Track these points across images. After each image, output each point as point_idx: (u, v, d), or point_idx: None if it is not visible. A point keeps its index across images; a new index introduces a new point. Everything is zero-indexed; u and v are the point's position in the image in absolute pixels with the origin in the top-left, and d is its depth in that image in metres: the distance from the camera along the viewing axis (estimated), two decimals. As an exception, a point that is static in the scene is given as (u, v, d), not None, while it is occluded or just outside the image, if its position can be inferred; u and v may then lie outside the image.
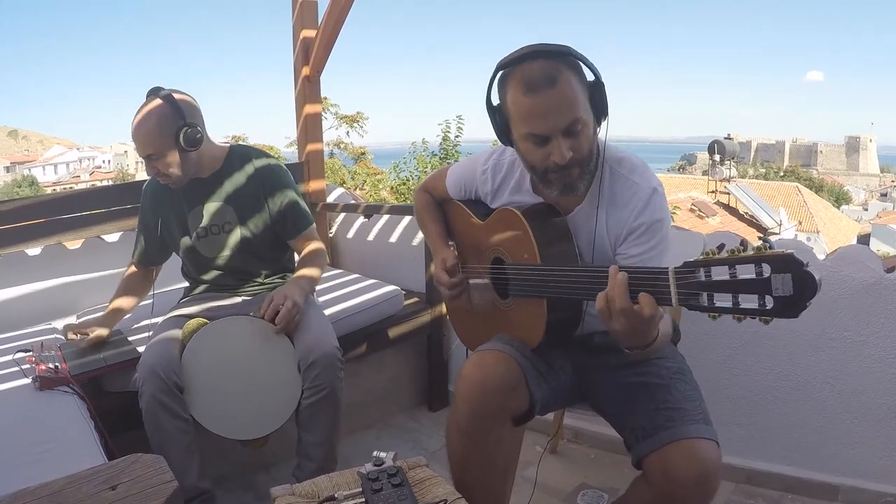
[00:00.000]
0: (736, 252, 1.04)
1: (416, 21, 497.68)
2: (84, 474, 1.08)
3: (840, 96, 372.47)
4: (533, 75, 1.36)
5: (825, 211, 26.52)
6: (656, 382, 1.49)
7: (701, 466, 1.31)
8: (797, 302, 0.98)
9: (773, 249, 1.00)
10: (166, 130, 1.88)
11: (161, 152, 1.89)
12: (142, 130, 1.88)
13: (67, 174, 52.14)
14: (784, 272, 0.98)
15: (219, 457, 2.10)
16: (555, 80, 1.35)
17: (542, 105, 1.36)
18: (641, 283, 1.20)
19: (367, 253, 3.32)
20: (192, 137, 1.89)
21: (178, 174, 1.94)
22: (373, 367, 2.69)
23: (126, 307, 2.18)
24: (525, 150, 1.45)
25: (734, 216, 22.23)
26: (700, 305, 1.10)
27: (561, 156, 1.37)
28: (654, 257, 1.45)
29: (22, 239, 2.47)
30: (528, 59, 1.38)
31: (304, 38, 3.15)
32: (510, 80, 1.40)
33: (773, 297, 1.00)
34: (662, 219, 1.49)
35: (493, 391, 1.46)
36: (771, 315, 1.01)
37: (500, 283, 1.66)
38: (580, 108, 1.37)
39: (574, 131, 1.38)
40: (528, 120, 1.38)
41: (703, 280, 1.08)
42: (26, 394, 1.74)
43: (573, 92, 1.36)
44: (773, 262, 1.00)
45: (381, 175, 16.15)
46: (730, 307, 1.05)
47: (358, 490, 1.25)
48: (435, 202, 1.93)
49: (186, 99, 1.94)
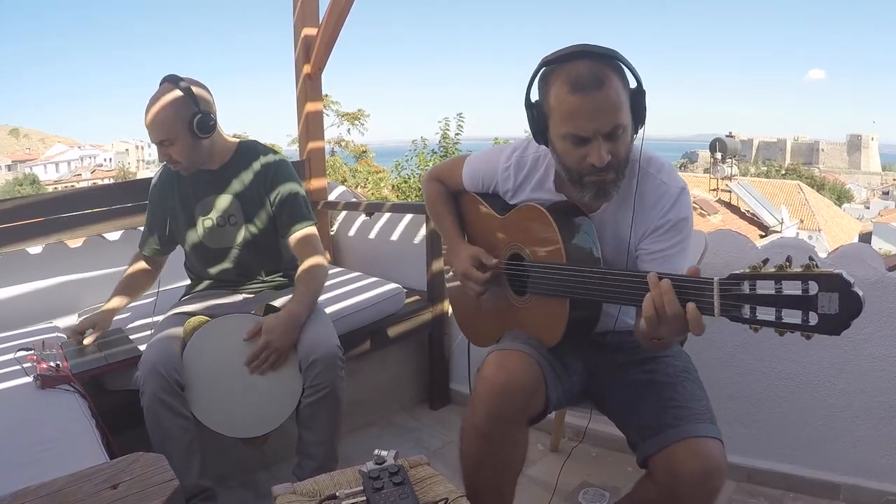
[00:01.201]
0: (784, 268, 1.05)
1: (417, 19, 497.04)
2: (85, 473, 1.08)
3: (842, 94, 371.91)
4: (581, 75, 1.34)
5: (827, 209, 26.47)
6: (663, 380, 1.49)
7: (707, 465, 1.31)
8: (842, 320, 1.00)
9: (821, 268, 1.02)
10: (180, 116, 1.88)
11: (174, 138, 1.90)
12: (156, 116, 1.88)
13: (69, 172, 52.16)
14: (832, 291, 1.00)
15: (219, 455, 2.10)
16: (602, 83, 1.34)
17: (587, 106, 1.34)
18: (685, 292, 1.20)
19: (368, 251, 3.32)
20: (205, 124, 1.90)
21: (188, 161, 1.95)
22: (374, 366, 2.69)
23: (134, 295, 2.19)
24: (562, 150, 1.43)
25: (736, 214, 22.19)
26: (742, 317, 1.10)
27: (599, 158, 1.36)
28: (676, 255, 1.46)
29: (23, 237, 2.47)
30: (576, 58, 1.37)
31: (305, 36, 3.15)
32: (555, 77, 1.39)
33: (819, 314, 1.01)
34: (688, 217, 1.50)
35: (515, 394, 1.44)
36: (814, 331, 1.03)
37: (517, 280, 1.64)
38: (623, 113, 1.37)
39: (615, 136, 1.37)
40: (572, 119, 1.37)
41: (748, 293, 1.09)
42: (27, 392, 1.74)
43: (618, 96, 1.36)
44: (821, 281, 1.01)
45: (383, 173, 16.15)
46: (772, 321, 1.06)
47: (359, 489, 1.25)
48: (448, 193, 1.90)
49: (201, 87, 1.96)
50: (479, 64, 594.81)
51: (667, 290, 1.20)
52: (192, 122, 1.89)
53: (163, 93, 1.90)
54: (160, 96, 1.89)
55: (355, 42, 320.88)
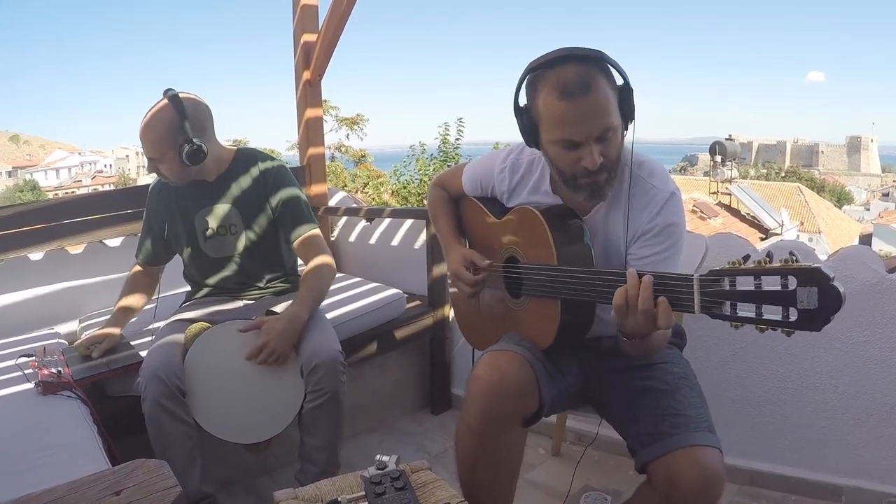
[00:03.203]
0: (762, 263, 1.05)
1: (416, 23, 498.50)
2: (87, 480, 1.08)
3: (841, 97, 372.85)
4: (568, 80, 1.34)
5: (827, 211, 26.50)
6: (661, 388, 1.49)
7: (705, 474, 1.31)
8: (821, 315, 0.99)
9: (800, 263, 1.01)
10: (170, 141, 1.87)
11: (163, 159, 1.90)
12: (148, 135, 1.88)
13: (69, 178, 52.27)
14: (810, 285, 0.99)
15: (221, 460, 2.10)
16: (589, 87, 1.34)
17: (576, 111, 1.35)
18: (665, 289, 1.21)
19: (369, 256, 3.32)
20: (194, 155, 1.89)
21: (178, 178, 1.96)
22: (375, 371, 2.69)
23: (136, 305, 2.17)
24: (554, 155, 1.44)
25: (736, 217, 22.20)
26: (722, 314, 1.10)
27: (592, 161, 1.37)
28: (666, 260, 1.46)
29: (24, 244, 2.47)
30: (562, 62, 1.37)
31: (304, 42, 3.15)
32: (542, 83, 1.39)
33: (798, 309, 1.01)
34: (677, 223, 1.49)
35: (507, 393, 1.45)
36: (794, 327, 1.02)
37: (513, 283, 1.65)
38: (612, 115, 1.38)
39: (606, 138, 1.38)
40: (562, 125, 1.37)
41: (728, 289, 1.09)
42: (29, 398, 1.75)
43: (606, 99, 1.36)
44: (799, 275, 1.00)
45: (383, 177, 16.17)
46: (753, 317, 1.06)
47: (361, 494, 1.25)
48: (449, 198, 1.93)
49: (197, 107, 1.93)
50: (480, 68, 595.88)
51: (645, 287, 1.22)
52: (181, 150, 1.87)
53: (157, 110, 1.88)
54: (154, 113, 1.88)
55: (354, 47, 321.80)
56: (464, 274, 1.70)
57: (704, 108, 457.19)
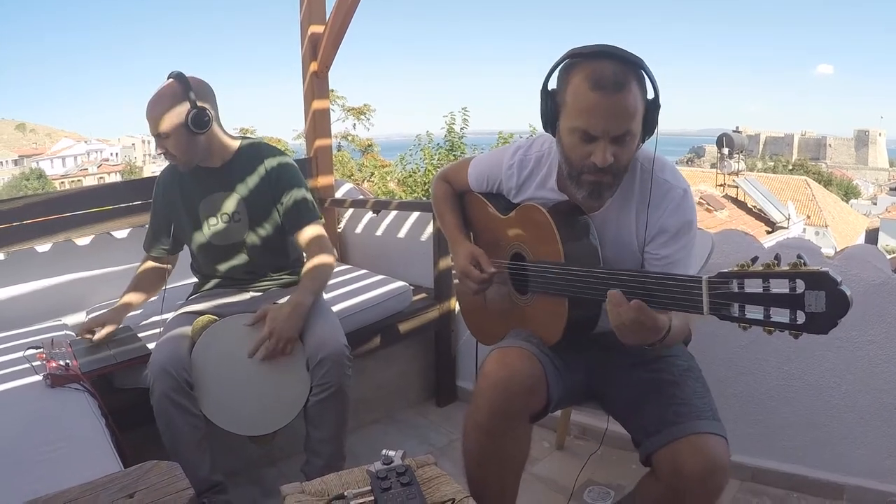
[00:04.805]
0: (771, 266, 1.05)
1: (423, 14, 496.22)
2: (101, 482, 1.09)
3: (850, 90, 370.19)
4: (604, 73, 1.34)
5: (834, 205, 26.36)
6: (667, 379, 1.50)
7: (709, 462, 1.32)
8: (829, 319, 1.00)
9: (808, 266, 1.01)
10: (176, 111, 1.89)
11: (169, 132, 1.91)
12: (153, 110, 1.90)
13: (75, 167, 52.33)
14: (818, 289, 1.00)
15: (228, 452, 2.12)
16: (622, 86, 1.34)
17: (603, 105, 1.35)
18: (674, 290, 1.21)
19: (375, 248, 3.33)
20: (199, 119, 1.91)
21: (185, 155, 1.96)
22: (381, 363, 2.70)
23: (136, 302, 2.19)
24: (568, 143, 1.43)
25: (742, 210, 22.11)
26: (731, 316, 1.11)
27: (602, 159, 1.37)
28: (682, 259, 1.48)
29: (31, 236, 2.48)
30: (602, 56, 1.37)
31: (312, 33, 3.15)
32: (577, 70, 1.39)
33: (806, 312, 1.01)
34: (692, 220, 1.50)
35: (516, 390, 1.46)
36: (801, 330, 1.03)
37: (519, 279, 1.66)
38: (635, 121, 1.38)
39: (623, 141, 1.38)
40: (585, 115, 1.37)
41: (736, 291, 1.10)
42: (37, 391, 1.76)
43: (635, 103, 1.36)
44: (807, 279, 1.01)
45: (389, 167, 16.16)
46: (761, 319, 1.07)
47: (367, 488, 1.26)
48: (454, 193, 1.93)
49: (202, 84, 1.96)
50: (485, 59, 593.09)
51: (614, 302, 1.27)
52: (187, 117, 1.89)
53: (163, 87, 1.92)
54: (160, 90, 1.91)
55: (361, 37, 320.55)
56: (471, 272, 1.70)
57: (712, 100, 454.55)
